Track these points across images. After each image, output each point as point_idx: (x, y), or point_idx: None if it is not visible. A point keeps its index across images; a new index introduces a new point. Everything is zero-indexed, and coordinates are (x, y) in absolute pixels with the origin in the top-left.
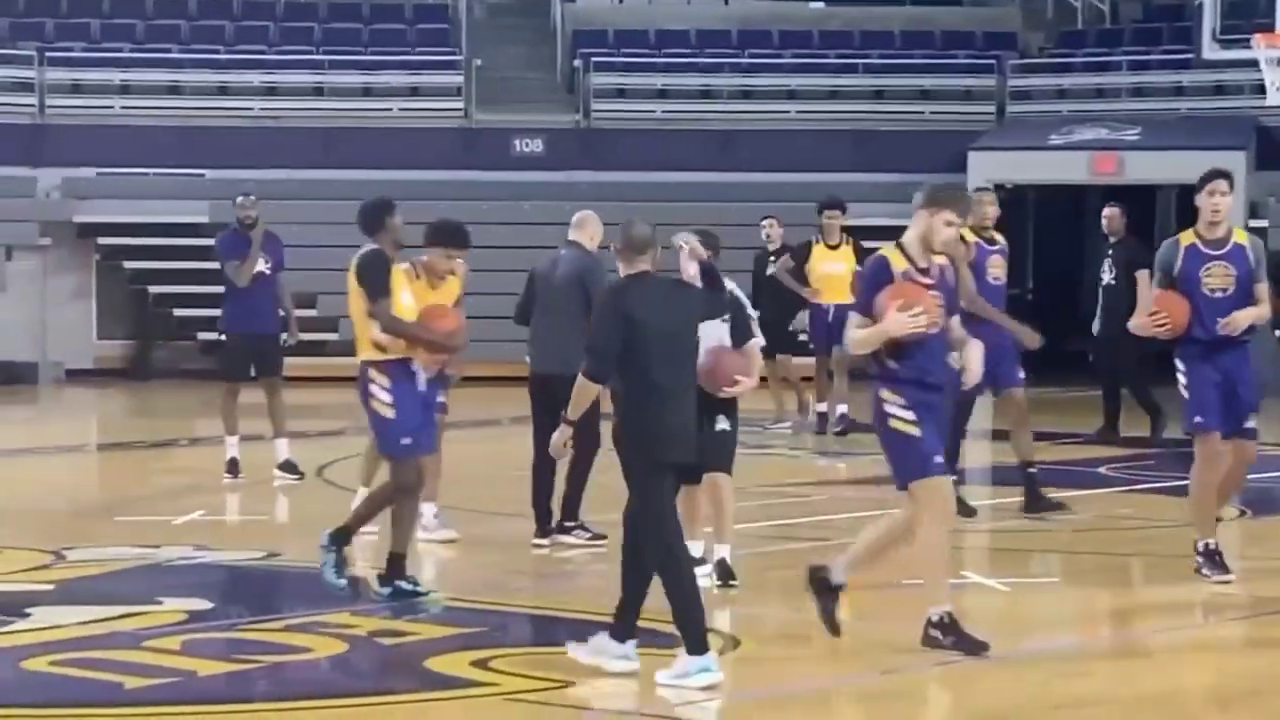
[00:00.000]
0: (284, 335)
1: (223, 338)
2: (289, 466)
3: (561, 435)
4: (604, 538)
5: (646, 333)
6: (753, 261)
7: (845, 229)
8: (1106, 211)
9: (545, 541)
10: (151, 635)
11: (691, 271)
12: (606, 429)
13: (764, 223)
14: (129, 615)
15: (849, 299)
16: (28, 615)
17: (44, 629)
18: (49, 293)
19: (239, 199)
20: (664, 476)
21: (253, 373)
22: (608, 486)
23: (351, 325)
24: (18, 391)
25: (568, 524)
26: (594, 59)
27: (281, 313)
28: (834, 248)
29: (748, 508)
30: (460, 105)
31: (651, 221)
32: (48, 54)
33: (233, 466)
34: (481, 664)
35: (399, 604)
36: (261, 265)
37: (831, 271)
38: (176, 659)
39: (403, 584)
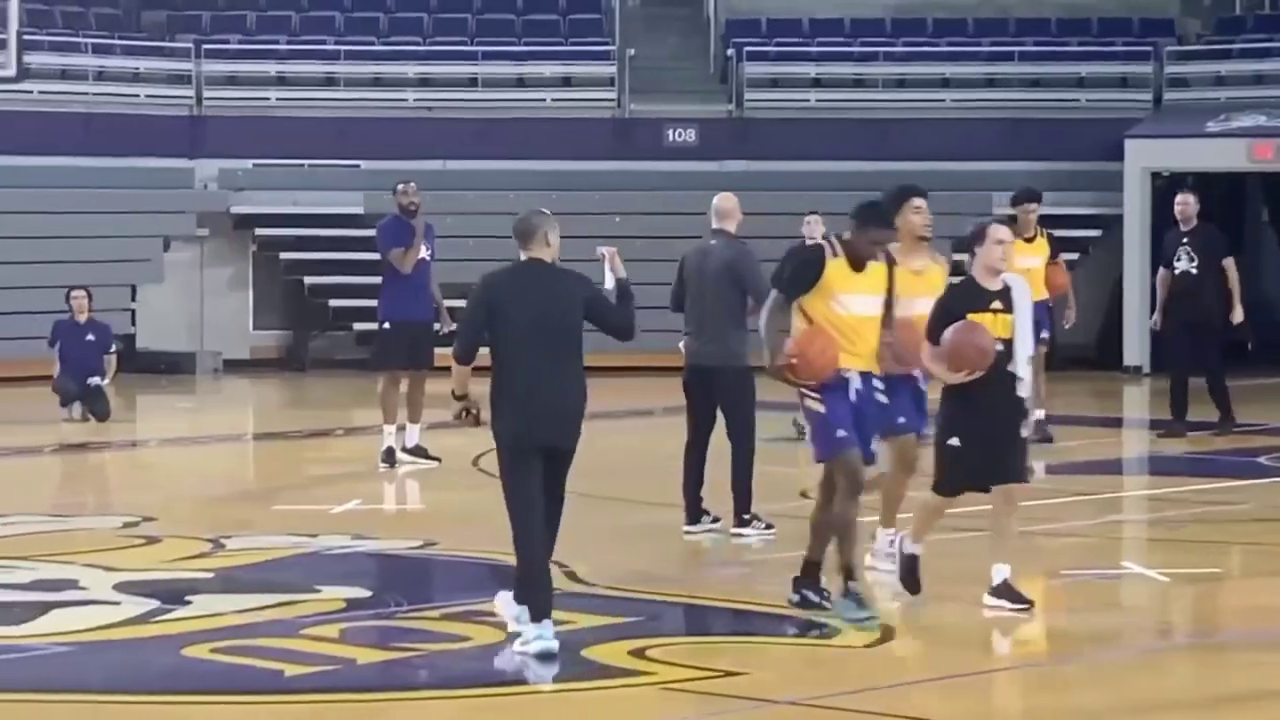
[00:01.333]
0: (436, 324)
1: (386, 325)
2: (419, 451)
3: (454, 408)
4: (773, 527)
5: (509, 320)
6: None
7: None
8: (1180, 198)
9: (696, 530)
10: (310, 623)
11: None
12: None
13: (808, 218)
14: (288, 603)
15: (1043, 294)
16: (188, 603)
17: (204, 616)
18: (206, 284)
19: (400, 186)
20: (526, 457)
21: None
22: (769, 475)
23: None
24: (176, 382)
25: (744, 515)
26: (747, 48)
27: (433, 302)
28: (1029, 240)
29: (907, 498)
30: (613, 96)
31: (809, 210)
32: (205, 47)
33: (389, 456)
34: (639, 653)
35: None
36: (424, 252)
37: (1028, 266)
38: (335, 647)
39: (809, 594)
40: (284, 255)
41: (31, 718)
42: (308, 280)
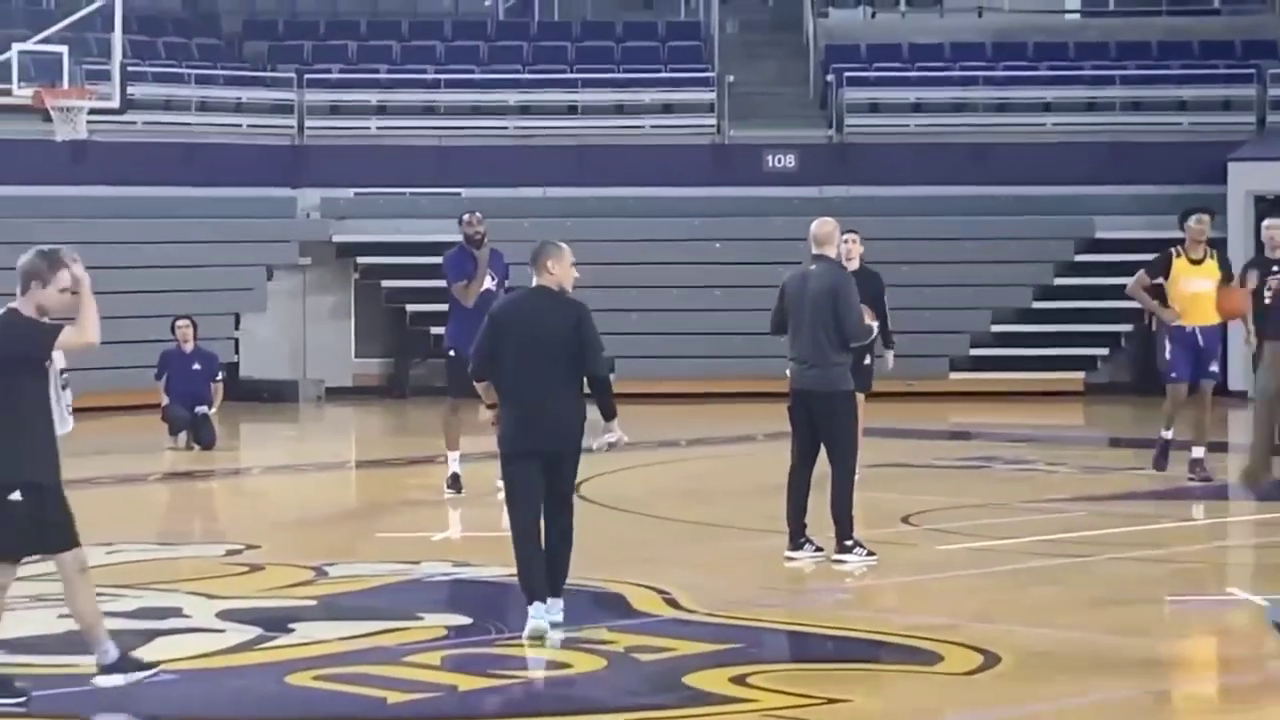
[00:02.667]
0: None
1: (451, 353)
2: None
3: (485, 415)
4: (875, 554)
5: (511, 340)
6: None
7: (1104, 242)
8: (1268, 222)
9: (798, 556)
10: (412, 650)
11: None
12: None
13: (846, 237)
14: (390, 630)
15: (1215, 320)
16: (291, 630)
17: (307, 644)
18: (309, 312)
19: (465, 216)
20: (522, 460)
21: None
22: (873, 501)
23: None
24: (279, 409)
25: (846, 542)
26: (846, 73)
27: None
28: (1197, 262)
29: (1009, 523)
30: (712, 121)
31: (906, 235)
32: (306, 76)
33: (454, 482)
34: (740, 680)
35: None
36: (489, 282)
37: (1197, 290)
38: (437, 674)
39: None
40: (385, 283)
41: None
42: (409, 308)
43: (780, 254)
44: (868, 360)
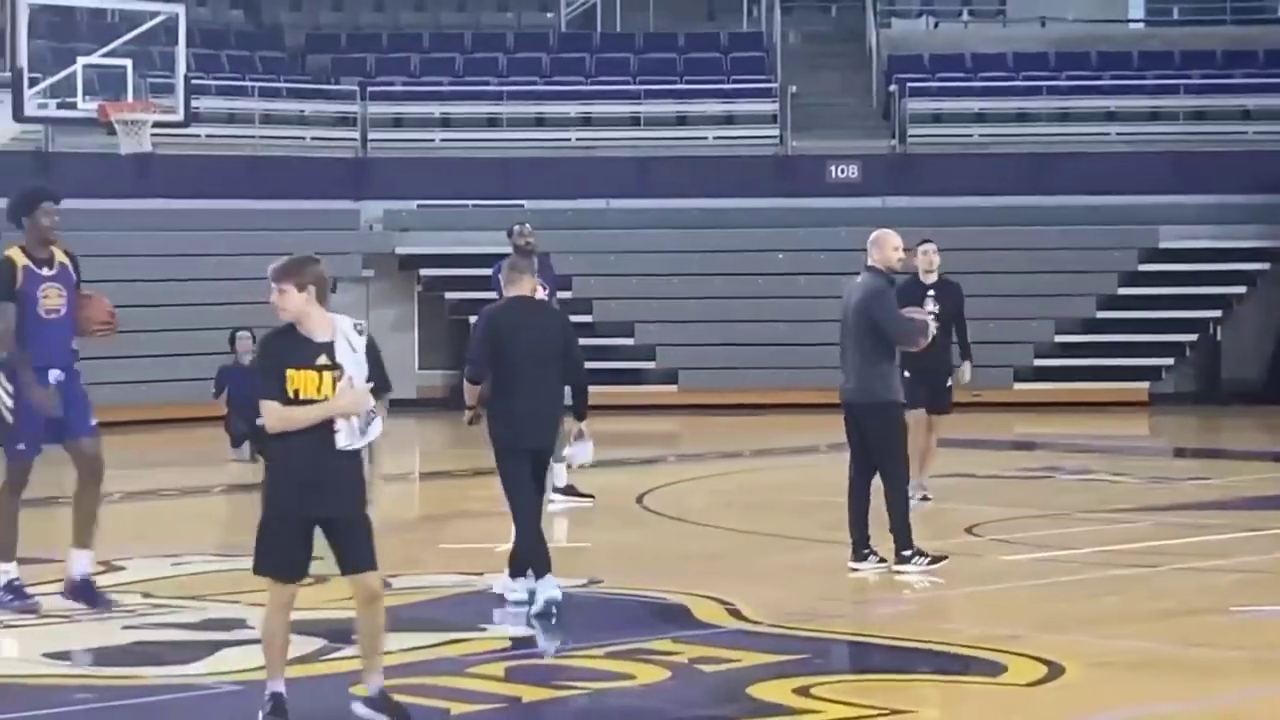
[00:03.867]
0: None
1: None
2: (570, 490)
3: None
4: (944, 558)
5: (506, 346)
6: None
7: (1168, 252)
8: None
9: (861, 566)
10: (476, 661)
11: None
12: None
13: (922, 248)
14: (454, 641)
15: None
16: (355, 642)
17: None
18: (372, 324)
19: (515, 227)
20: (517, 456)
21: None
22: (939, 510)
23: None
24: None
25: (905, 553)
26: (909, 84)
27: None
28: None
29: (1073, 534)
30: (775, 132)
31: (969, 246)
32: (369, 89)
33: None
34: (803, 691)
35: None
36: (540, 293)
37: None
38: (501, 685)
39: None
40: (449, 295)
41: None
42: (472, 320)
43: (843, 265)
44: (949, 382)
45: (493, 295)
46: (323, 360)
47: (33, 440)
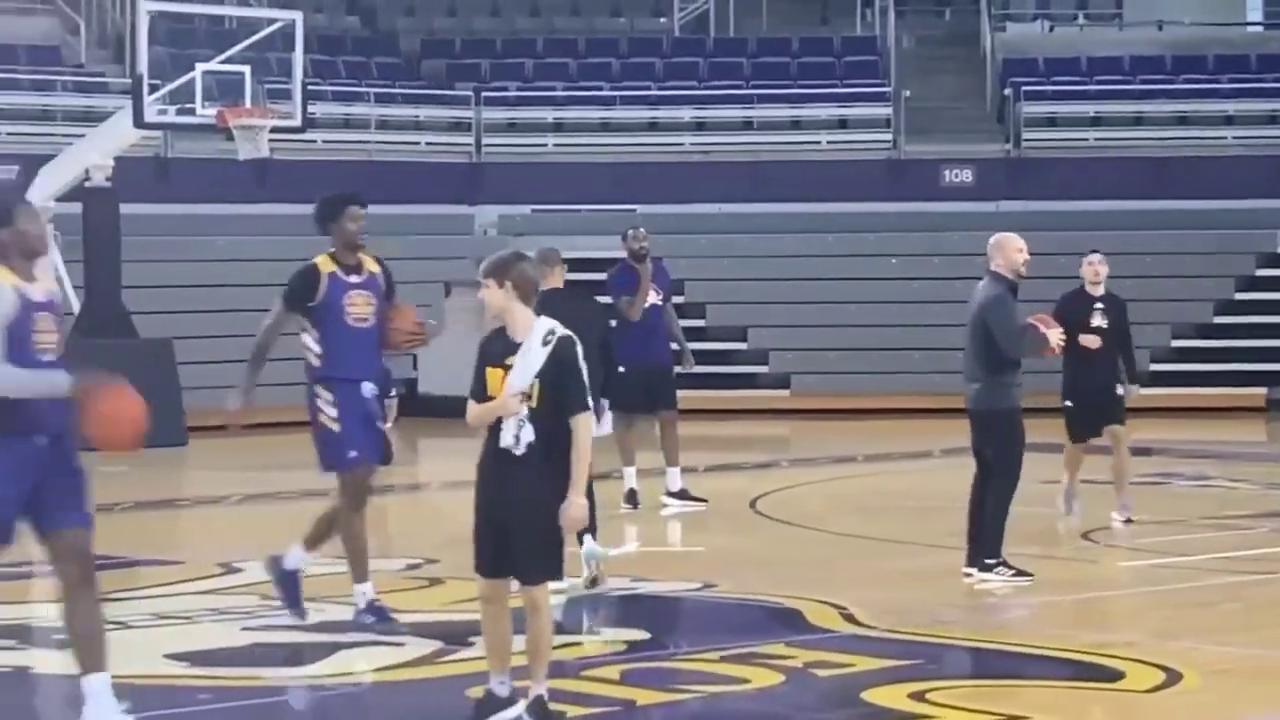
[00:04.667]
0: (677, 366)
1: (620, 370)
2: (683, 494)
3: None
4: (1029, 574)
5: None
6: (1058, 303)
7: None
8: None
9: (972, 571)
10: (591, 665)
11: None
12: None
13: (1088, 258)
14: (569, 645)
15: None
16: (471, 644)
17: (486, 658)
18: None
19: (629, 232)
20: None
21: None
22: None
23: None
24: (458, 425)
25: (988, 561)
26: (1024, 87)
27: (674, 345)
28: None
29: (1190, 540)
30: (889, 136)
31: (1088, 249)
32: (484, 94)
33: (631, 497)
34: (919, 696)
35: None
36: (653, 297)
37: None
38: (616, 689)
39: None
40: None
41: None
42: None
43: (956, 270)
44: (1119, 390)
45: (607, 300)
46: (509, 360)
47: (364, 446)
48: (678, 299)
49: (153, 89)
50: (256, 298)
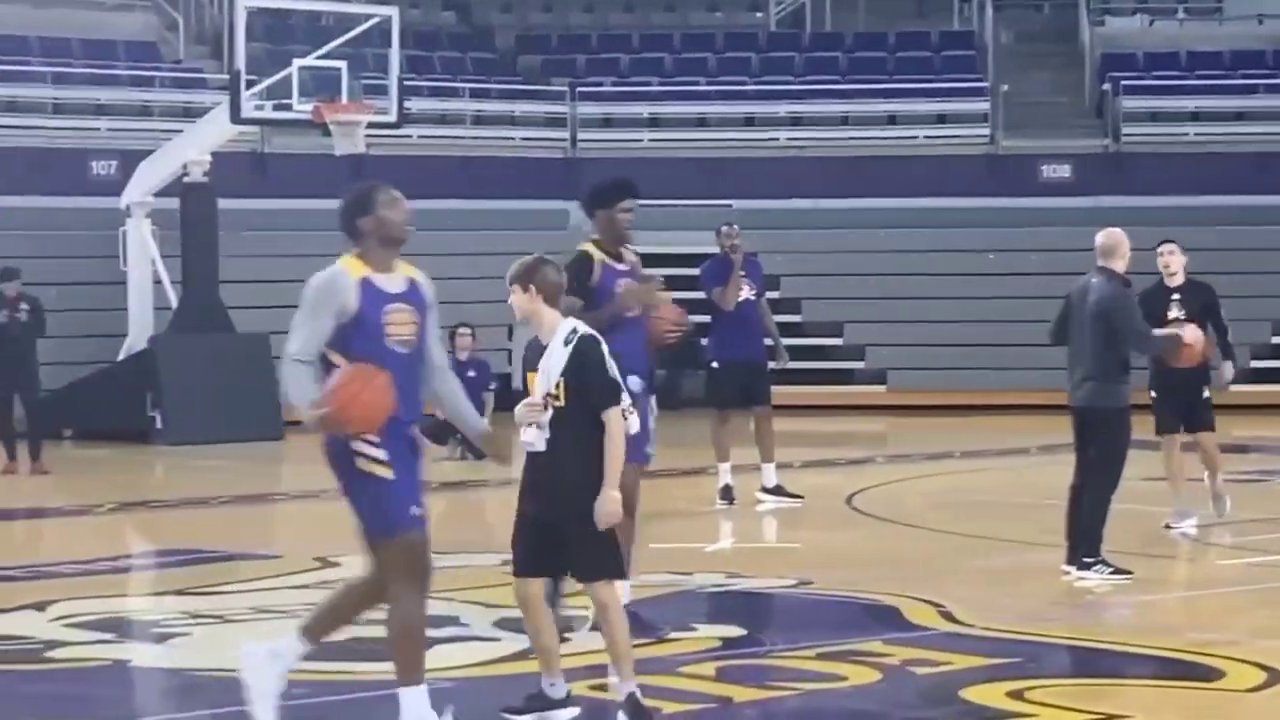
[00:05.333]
0: (771, 362)
1: (714, 365)
2: (778, 490)
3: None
4: (1129, 572)
5: None
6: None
7: None
8: None
9: (1071, 569)
10: (687, 661)
11: None
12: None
13: (1161, 249)
14: (665, 641)
15: None
16: (566, 640)
17: (582, 654)
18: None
19: (723, 228)
20: None
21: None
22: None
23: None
24: None
25: (1087, 559)
26: (1123, 82)
27: (768, 340)
28: None
29: None
30: (986, 131)
31: (1184, 246)
32: (579, 90)
33: (726, 493)
34: (1017, 695)
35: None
36: (747, 291)
37: None
38: (712, 685)
39: None
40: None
41: None
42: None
43: (1055, 265)
44: (1206, 393)
45: (703, 295)
46: (542, 363)
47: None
48: (773, 294)
49: (250, 84)
50: None
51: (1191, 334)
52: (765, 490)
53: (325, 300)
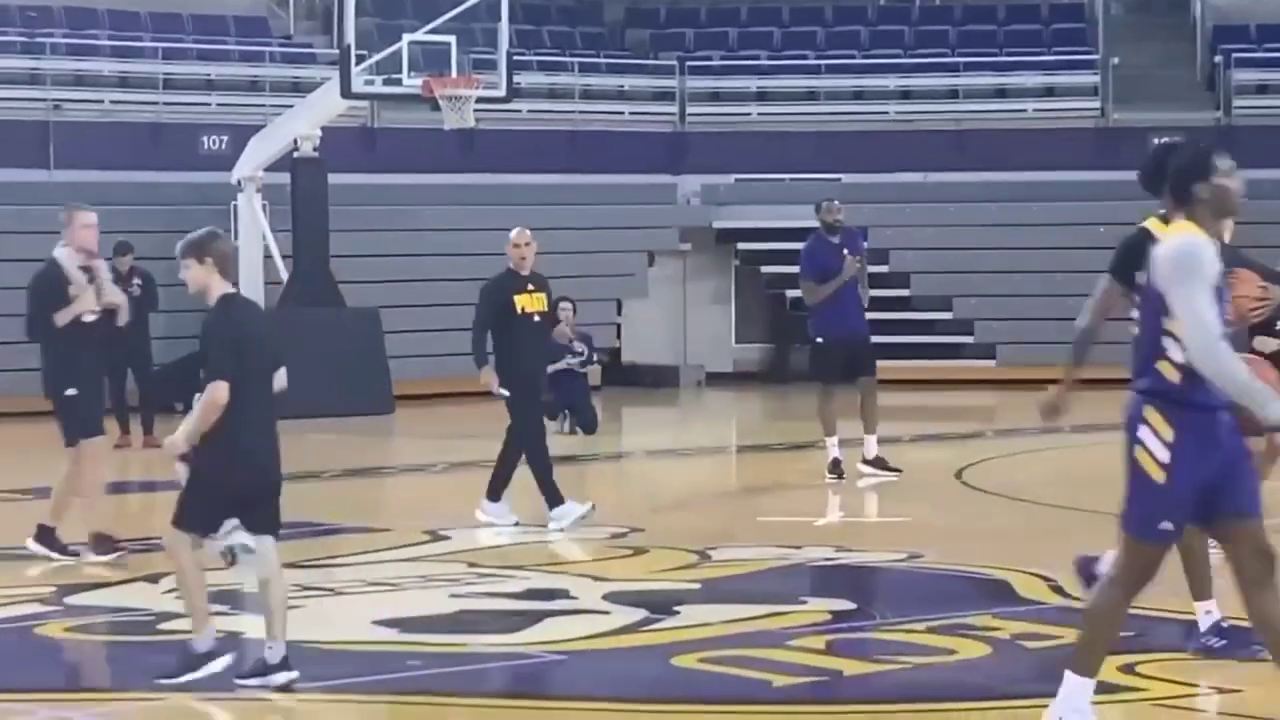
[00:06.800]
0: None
1: (819, 341)
2: (879, 463)
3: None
4: None
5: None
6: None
7: None
8: None
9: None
10: (796, 634)
11: None
12: None
13: None
14: (774, 614)
15: None
16: (676, 613)
17: (692, 626)
18: (689, 298)
19: (823, 203)
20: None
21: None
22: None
23: None
24: (661, 394)
25: None
26: (1235, 54)
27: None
28: None
29: None
30: (1096, 104)
31: None
32: (688, 64)
33: (835, 467)
34: (1128, 669)
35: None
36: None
37: None
38: (822, 658)
39: None
40: (765, 269)
41: None
42: (789, 294)
43: None
44: None
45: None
46: None
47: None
48: (881, 268)
49: (360, 59)
50: (462, 267)
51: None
52: (865, 462)
53: (1206, 269)
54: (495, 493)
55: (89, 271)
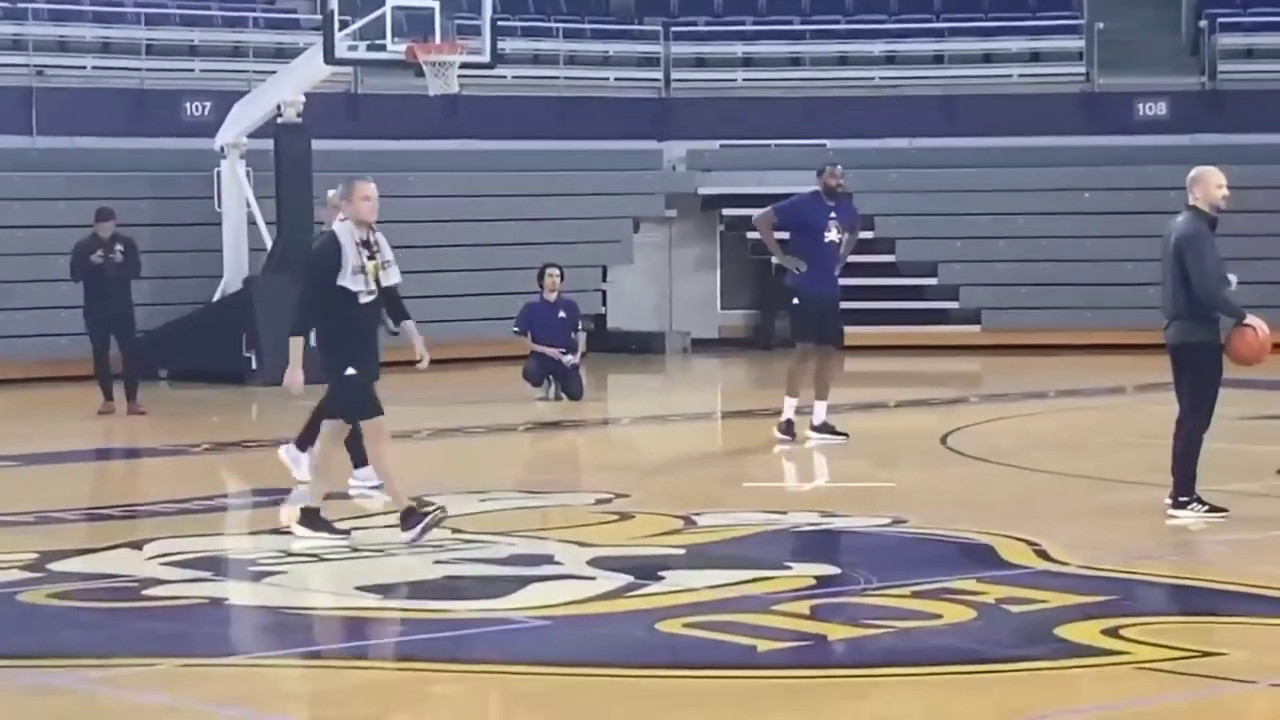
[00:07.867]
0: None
1: (795, 301)
2: (825, 428)
3: None
4: (1224, 510)
5: None
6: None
7: None
8: None
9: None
10: (781, 599)
11: None
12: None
13: None
14: (759, 579)
15: None
16: (661, 579)
17: (677, 592)
18: (675, 264)
19: (826, 168)
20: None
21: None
22: (1248, 455)
23: None
24: (646, 361)
25: (1181, 498)
26: (1220, 18)
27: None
28: None
29: None
30: (1082, 70)
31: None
32: (672, 29)
33: (788, 428)
34: (1112, 632)
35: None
36: (835, 234)
37: None
38: (807, 623)
39: None
40: (750, 235)
41: (512, 688)
42: (774, 260)
43: (1151, 204)
44: None
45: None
46: None
47: None
48: (867, 235)
49: (343, 25)
50: (446, 233)
51: (1258, 323)
52: (812, 429)
53: None
54: (303, 444)
55: (367, 246)
